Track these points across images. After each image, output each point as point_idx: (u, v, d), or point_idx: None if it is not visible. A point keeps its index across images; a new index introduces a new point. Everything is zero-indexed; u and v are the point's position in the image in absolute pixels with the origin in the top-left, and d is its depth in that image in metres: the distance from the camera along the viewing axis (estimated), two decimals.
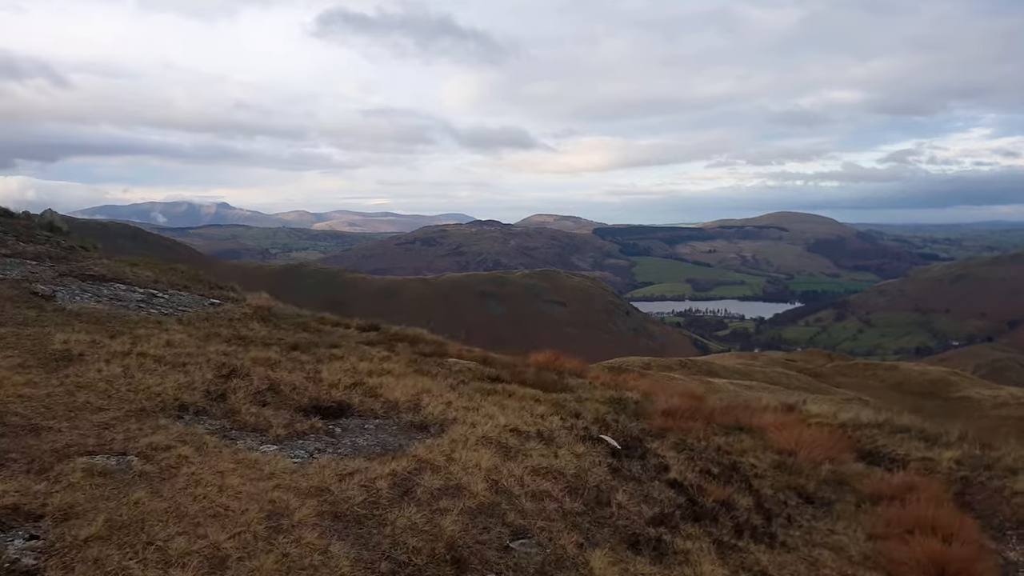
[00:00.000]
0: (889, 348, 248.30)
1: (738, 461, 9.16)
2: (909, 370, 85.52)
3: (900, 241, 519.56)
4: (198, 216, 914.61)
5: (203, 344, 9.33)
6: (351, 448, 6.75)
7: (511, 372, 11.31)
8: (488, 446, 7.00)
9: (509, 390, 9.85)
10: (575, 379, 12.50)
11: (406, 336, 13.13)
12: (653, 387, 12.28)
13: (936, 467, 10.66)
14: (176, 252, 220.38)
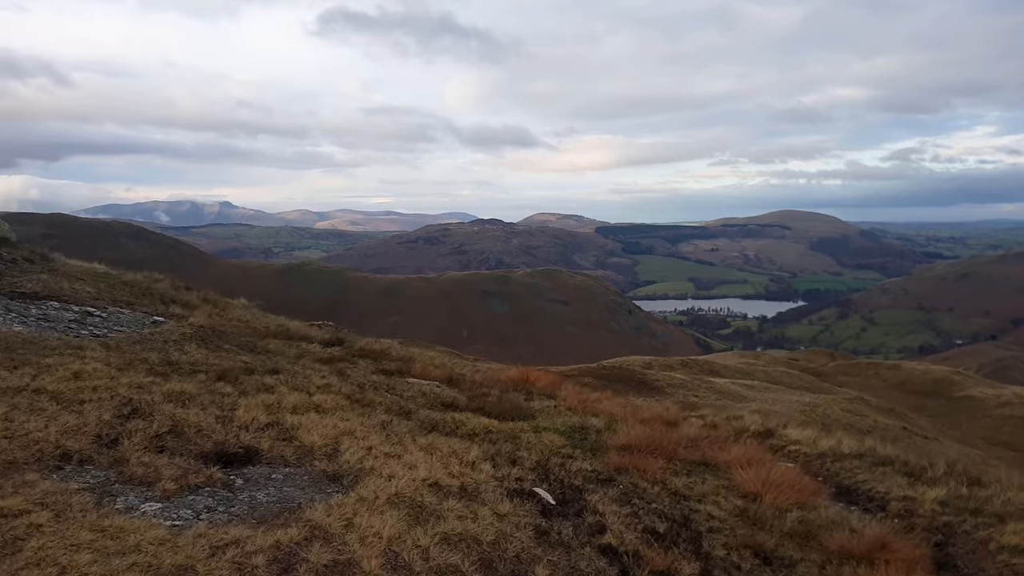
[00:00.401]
0: (892, 347, 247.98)
1: (694, 510, 8.14)
2: (912, 369, 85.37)
3: (903, 239, 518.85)
4: (201, 215, 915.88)
5: (118, 375, 8.44)
6: (247, 506, 5.94)
7: (471, 395, 10.57)
8: (398, 506, 6.11)
9: (458, 421, 9.05)
10: (543, 400, 11.64)
11: (371, 351, 12.48)
12: (623, 410, 11.16)
13: (918, 509, 9.68)
14: (179, 251, 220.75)
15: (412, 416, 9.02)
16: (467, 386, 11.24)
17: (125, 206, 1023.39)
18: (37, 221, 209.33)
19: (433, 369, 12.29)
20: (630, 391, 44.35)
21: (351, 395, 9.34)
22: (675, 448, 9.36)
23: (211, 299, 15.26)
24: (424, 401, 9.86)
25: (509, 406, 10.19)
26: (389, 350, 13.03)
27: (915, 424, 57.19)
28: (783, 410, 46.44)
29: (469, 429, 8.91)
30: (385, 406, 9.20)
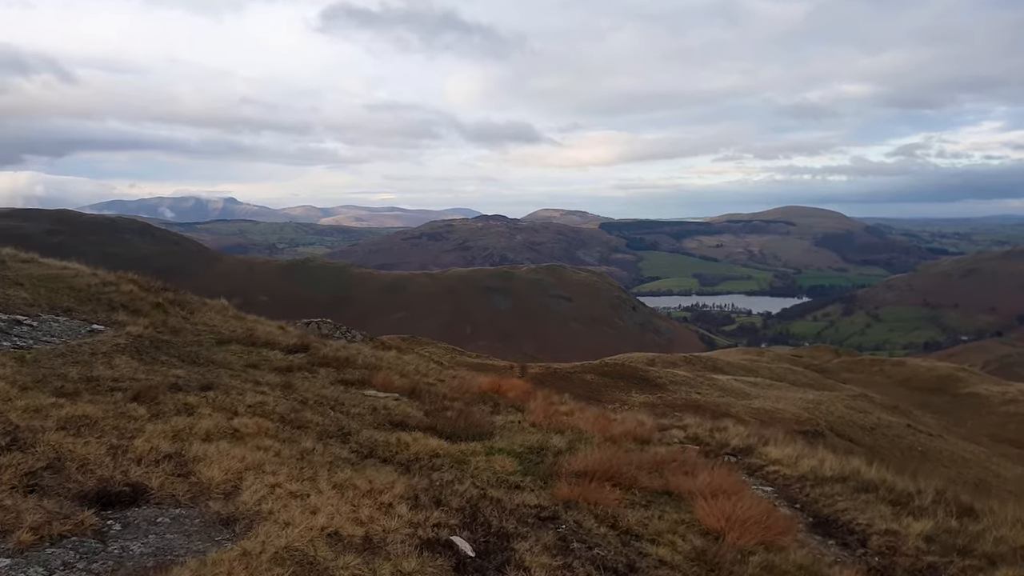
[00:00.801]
0: (897, 343, 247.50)
1: (643, 554, 7.07)
2: (917, 366, 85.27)
3: (909, 235, 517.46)
4: (205, 211, 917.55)
5: (18, 395, 7.49)
6: (115, 560, 5.00)
7: (430, 410, 9.76)
8: (284, 563, 5.15)
9: (403, 443, 8.08)
10: (510, 414, 10.70)
11: (335, 359, 11.79)
12: (593, 426, 10.20)
13: (901, 546, 8.64)
14: (184, 247, 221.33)
15: (350, 439, 7.97)
16: (429, 399, 10.41)
17: (130, 202, 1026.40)
18: (43, 217, 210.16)
19: (398, 379, 11.43)
20: (632, 388, 44.32)
21: (285, 415, 8.20)
22: (637, 474, 8.22)
23: (182, 300, 14.33)
24: (372, 419, 8.92)
25: (466, 423, 9.27)
26: (355, 358, 12.34)
27: (920, 421, 57.09)
28: (786, 407, 46.40)
29: (411, 454, 7.88)
30: (321, 428, 8.08)
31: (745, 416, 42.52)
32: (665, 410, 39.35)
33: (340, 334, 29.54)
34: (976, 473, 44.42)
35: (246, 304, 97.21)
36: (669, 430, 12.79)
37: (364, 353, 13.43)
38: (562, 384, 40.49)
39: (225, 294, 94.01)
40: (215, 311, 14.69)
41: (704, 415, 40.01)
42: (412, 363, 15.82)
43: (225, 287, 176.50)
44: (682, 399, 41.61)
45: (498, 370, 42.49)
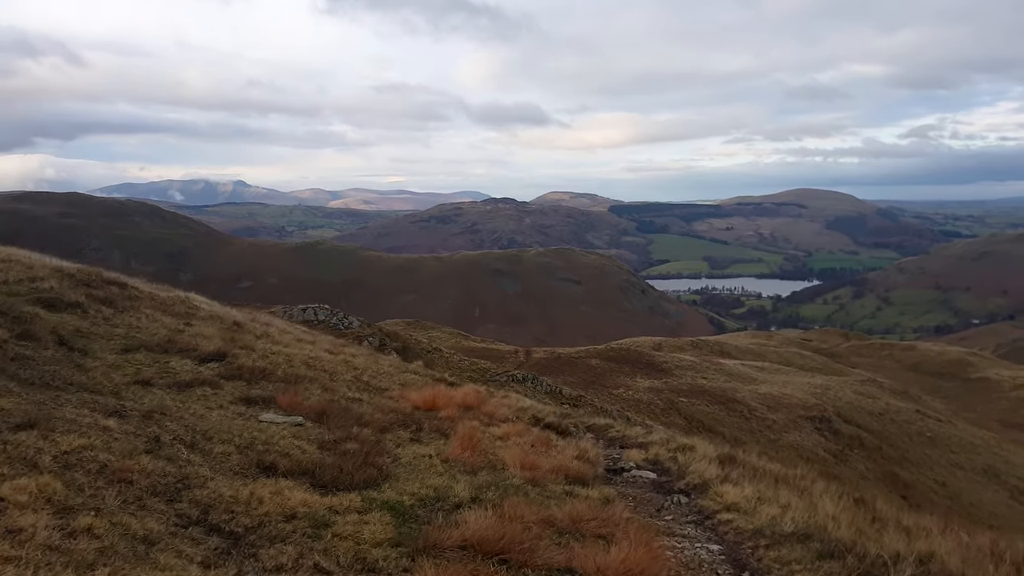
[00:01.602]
0: (908, 326, 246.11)
1: None
2: (927, 350, 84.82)
3: (921, 218, 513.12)
4: (215, 194, 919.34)
5: None
6: None
7: (326, 441, 7.92)
8: None
9: (256, 499, 6.10)
10: (428, 443, 8.74)
11: (252, 370, 10.09)
12: (524, 458, 8.25)
13: None
14: (193, 230, 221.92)
15: (183, 496, 5.89)
16: (337, 424, 8.61)
17: (140, 185, 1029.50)
18: (54, 200, 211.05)
19: (318, 393, 9.81)
20: (638, 373, 44.23)
21: (108, 464, 5.99)
22: (536, 545, 6.18)
23: (112, 298, 12.14)
24: (237, 461, 6.93)
25: (361, 462, 7.38)
26: (275, 370, 10.48)
27: (929, 406, 56.83)
28: (793, 392, 46.23)
29: (258, 516, 5.88)
30: (149, 483, 5.92)
31: (752, 401, 42.41)
32: (670, 396, 39.30)
33: (336, 320, 29.40)
34: (985, 460, 44.22)
35: (256, 287, 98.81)
36: (628, 449, 10.68)
37: (279, 367, 10.98)
38: (567, 369, 40.49)
39: (235, 277, 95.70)
40: (161, 308, 12.83)
41: (711, 400, 39.95)
42: (362, 366, 13.71)
43: (235, 270, 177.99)
44: (688, 384, 41.52)
45: (502, 355, 42.50)
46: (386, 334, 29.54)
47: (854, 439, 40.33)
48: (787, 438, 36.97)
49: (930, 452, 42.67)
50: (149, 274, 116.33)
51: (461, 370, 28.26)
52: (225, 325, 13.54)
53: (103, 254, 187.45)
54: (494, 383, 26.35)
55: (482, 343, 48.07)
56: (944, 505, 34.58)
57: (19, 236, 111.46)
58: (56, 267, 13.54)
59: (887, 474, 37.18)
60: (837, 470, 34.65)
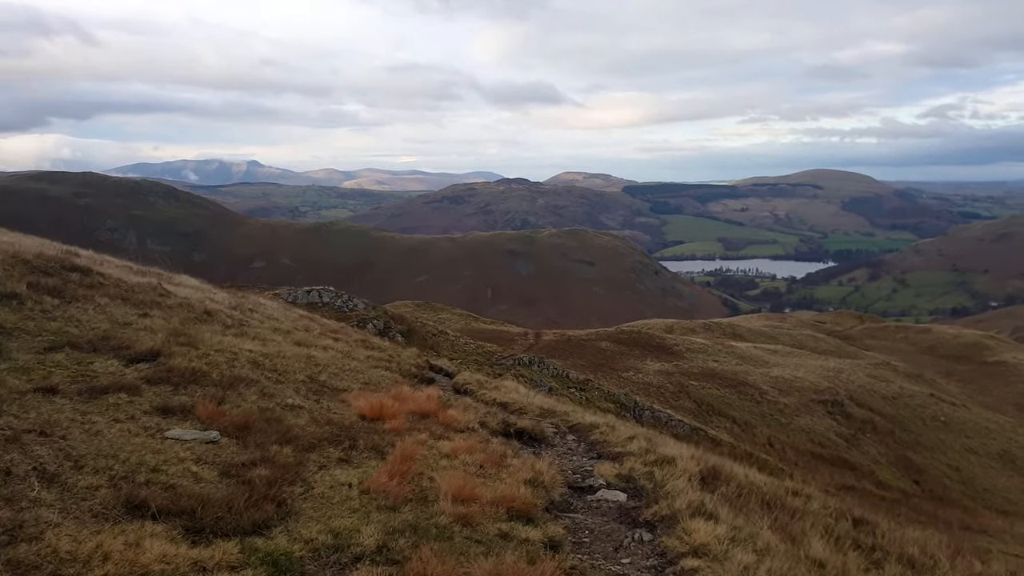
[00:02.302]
0: (924, 309, 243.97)
1: None
2: (942, 333, 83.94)
3: (940, 199, 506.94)
4: (229, 174, 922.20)
5: None
6: None
7: (233, 465, 6.57)
8: None
9: (101, 554, 4.72)
10: (362, 462, 7.38)
11: (185, 372, 8.75)
12: (461, 485, 6.77)
13: None
14: (208, 210, 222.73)
15: None
16: (257, 440, 7.23)
17: (155, 165, 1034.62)
18: (69, 180, 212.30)
19: (245, 403, 8.32)
20: (648, 355, 44.01)
21: None
22: None
23: (60, 287, 10.97)
24: (103, 496, 5.52)
25: (252, 499, 5.87)
26: (211, 372, 9.12)
27: (943, 390, 56.30)
28: (805, 375, 45.88)
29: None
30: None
31: (763, 385, 42.13)
32: (680, 379, 39.08)
33: (341, 302, 29.29)
34: (1000, 444, 43.77)
35: (270, 267, 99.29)
36: (602, 463, 9.14)
37: (214, 366, 9.62)
38: (576, 351, 40.31)
39: (248, 257, 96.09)
40: (122, 296, 11.63)
41: (721, 383, 39.71)
42: (326, 362, 12.16)
43: (249, 250, 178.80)
44: (699, 367, 41.26)
45: (511, 337, 42.37)
46: (391, 317, 29.38)
47: (867, 423, 40.00)
48: (798, 422, 36.70)
49: (944, 437, 42.27)
50: (164, 254, 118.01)
51: (466, 353, 28.08)
52: (192, 315, 12.28)
53: (118, 234, 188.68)
54: (499, 367, 26.17)
55: (492, 325, 47.96)
56: (957, 490, 34.29)
57: (36, 216, 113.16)
58: (15, 252, 12.12)
59: (900, 458, 36.87)
60: (849, 455, 34.39)
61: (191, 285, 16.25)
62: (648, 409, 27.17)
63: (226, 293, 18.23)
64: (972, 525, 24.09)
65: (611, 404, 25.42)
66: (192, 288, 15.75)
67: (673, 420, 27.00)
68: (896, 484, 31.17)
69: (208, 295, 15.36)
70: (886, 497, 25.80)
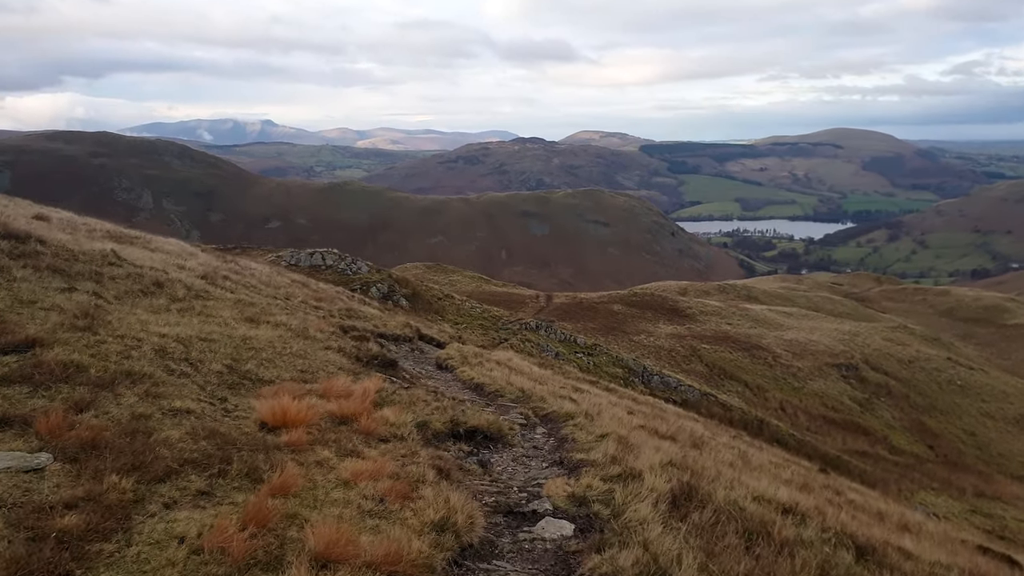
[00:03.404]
0: (943, 270, 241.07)
1: None
2: (962, 295, 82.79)
3: (963, 158, 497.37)
4: (243, 134, 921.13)
5: None
6: None
7: (32, 512, 4.62)
8: None
9: None
10: (225, 494, 5.49)
11: (55, 368, 6.91)
12: (339, 538, 4.82)
13: None
14: (222, 170, 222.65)
15: None
16: (98, 465, 5.35)
17: (169, 124, 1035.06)
18: (84, 140, 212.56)
19: (114, 409, 6.31)
20: (660, 318, 43.63)
21: None
22: None
23: None
24: None
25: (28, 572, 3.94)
26: (88, 367, 7.20)
27: (961, 354, 55.62)
28: (820, 339, 45.37)
29: None
30: None
31: (777, 348, 41.72)
32: (692, 342, 38.74)
33: (344, 265, 28.96)
34: (1017, 409, 43.24)
35: (285, 227, 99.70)
36: (558, 474, 7.33)
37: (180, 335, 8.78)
38: (588, 315, 40.00)
39: (264, 218, 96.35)
40: (51, 267, 10.40)
41: (734, 346, 39.33)
42: (265, 343, 10.10)
43: (264, 210, 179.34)
44: (711, 330, 40.87)
45: (522, 300, 42.09)
46: (396, 280, 29.01)
47: (881, 387, 39.59)
48: (811, 386, 36.36)
49: (960, 401, 41.80)
50: (180, 214, 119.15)
51: (471, 318, 27.78)
52: (135, 287, 10.74)
53: (134, 194, 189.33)
54: (504, 331, 25.87)
55: (503, 287, 47.67)
56: (972, 456, 33.95)
57: (54, 175, 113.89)
58: None
59: (914, 423, 36.52)
60: (862, 419, 34.07)
61: (168, 250, 15.29)
62: (657, 374, 26.88)
63: (213, 257, 17.41)
64: (986, 491, 23.80)
65: (619, 369, 25.17)
66: (167, 253, 14.71)
67: (683, 385, 26.72)
68: (910, 449, 30.91)
69: (181, 261, 14.27)
70: (899, 463, 25.54)
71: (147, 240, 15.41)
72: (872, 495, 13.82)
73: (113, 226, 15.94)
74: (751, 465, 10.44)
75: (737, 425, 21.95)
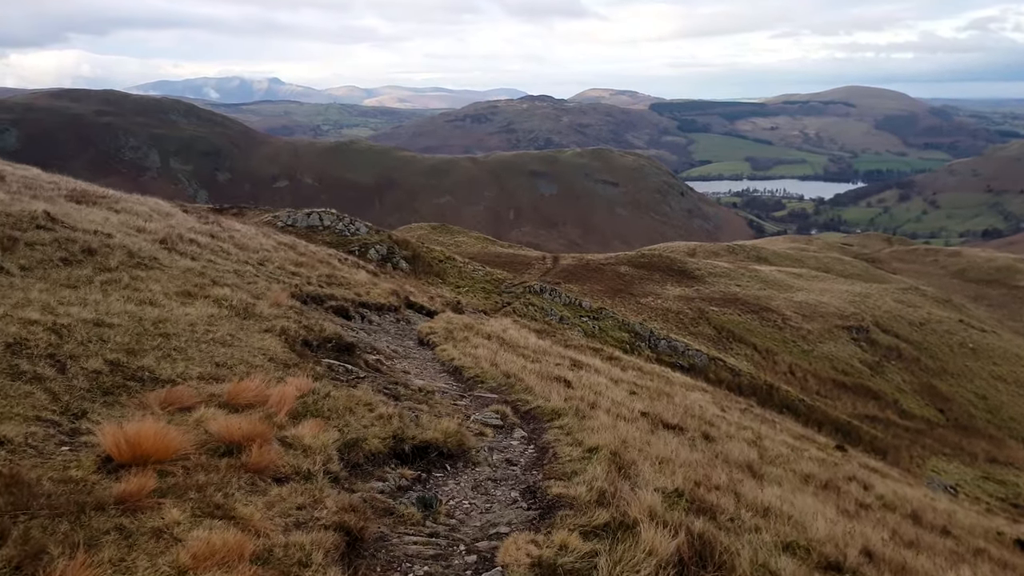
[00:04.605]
0: (954, 231, 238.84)
1: None
2: (974, 256, 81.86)
3: (978, 117, 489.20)
4: (250, 92, 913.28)
5: None
6: None
7: None
8: None
9: None
10: None
11: None
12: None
13: None
14: (229, 129, 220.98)
15: None
16: None
17: (175, 82, 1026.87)
18: (92, 98, 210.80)
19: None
20: (668, 280, 43.15)
21: None
22: None
23: None
24: None
25: None
26: None
27: (972, 316, 55.04)
28: (830, 301, 44.86)
29: None
30: None
31: (786, 310, 41.26)
32: (700, 304, 38.30)
33: (343, 226, 28.37)
34: None
35: (292, 186, 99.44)
36: (523, 521, 5.29)
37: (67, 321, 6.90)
38: (594, 276, 39.53)
39: (271, 177, 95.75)
40: None
41: (743, 308, 38.88)
42: (181, 328, 7.85)
43: (271, 169, 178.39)
44: (720, 292, 40.40)
45: (528, 261, 41.61)
46: (396, 242, 28.41)
47: (892, 350, 39.20)
48: (821, 348, 35.99)
49: (971, 364, 41.38)
50: (187, 173, 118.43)
51: (473, 281, 27.30)
52: (58, 255, 9.07)
53: (141, 153, 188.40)
54: (508, 295, 25.42)
55: (509, 248, 47.16)
56: (983, 420, 33.66)
57: (61, 134, 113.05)
58: None
59: (925, 386, 36.19)
60: (872, 382, 33.74)
61: (136, 211, 13.72)
62: (664, 338, 26.50)
63: (195, 218, 16.34)
64: (999, 457, 23.53)
65: (625, 334, 24.79)
66: (134, 215, 13.16)
67: (690, 350, 26.36)
68: (920, 413, 30.63)
69: (142, 223, 12.57)
70: (910, 428, 25.24)
71: (115, 200, 14.13)
72: (895, 476, 13.27)
73: (86, 185, 15.06)
74: (768, 456, 9.51)
75: (746, 392, 21.63)
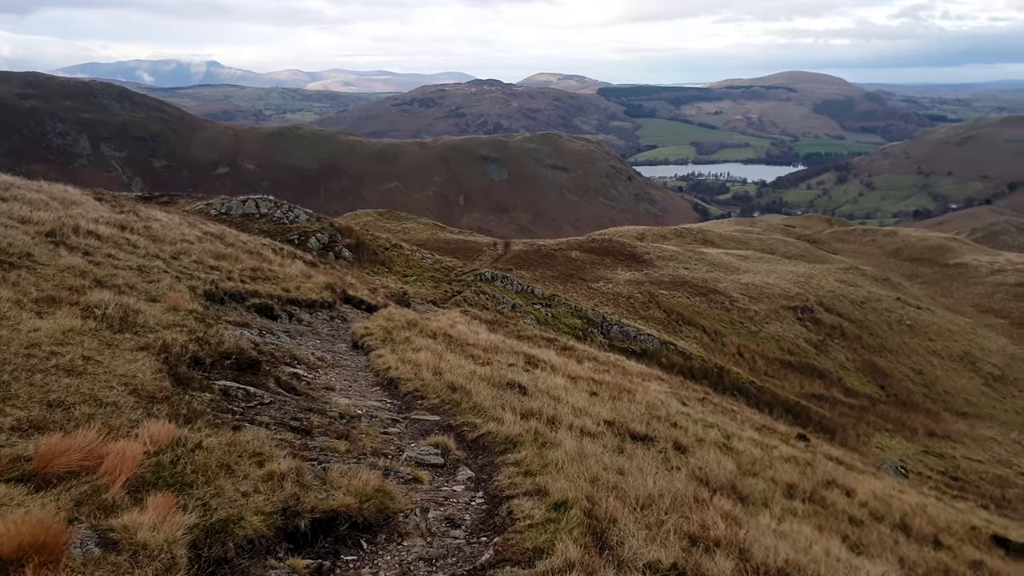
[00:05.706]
0: (888, 211, 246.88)
1: None
2: (908, 236, 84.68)
3: (909, 102, 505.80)
4: (187, 76, 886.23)
5: None
6: None
7: None
8: None
9: None
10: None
11: None
12: None
13: None
14: (166, 113, 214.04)
15: None
16: None
17: (105, 65, 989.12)
18: (13, 80, 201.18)
19: None
20: (619, 264, 43.52)
21: None
22: None
23: None
24: None
25: None
26: None
27: (908, 293, 56.98)
28: (776, 282, 45.88)
29: None
30: None
31: (733, 292, 42.05)
32: (650, 288, 38.75)
33: (281, 213, 27.42)
34: (961, 347, 44.58)
35: (233, 173, 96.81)
36: None
37: None
38: (546, 262, 39.60)
39: (211, 163, 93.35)
40: None
41: (692, 291, 39.48)
42: (19, 359, 5.10)
43: (211, 156, 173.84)
44: (669, 275, 40.92)
45: (479, 247, 41.41)
46: (338, 230, 27.58)
47: (835, 328, 40.30)
48: (768, 329, 36.79)
49: (909, 340, 42.86)
50: (120, 159, 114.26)
51: (422, 269, 26.85)
52: None
53: (70, 139, 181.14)
54: (458, 283, 25.13)
55: (459, 235, 46.88)
56: (920, 394, 34.92)
57: None
58: None
59: (866, 363, 37.33)
60: (817, 361, 34.65)
61: (30, 199, 11.97)
62: (616, 324, 26.67)
63: (109, 207, 15.04)
64: (936, 430, 24.44)
65: (578, 320, 24.89)
66: (25, 203, 11.45)
67: (642, 335, 26.61)
68: (863, 391, 31.63)
69: (29, 213, 10.71)
70: (855, 405, 26.03)
71: (5, 186, 12.31)
72: (859, 467, 13.35)
73: None
74: (744, 464, 8.88)
75: (698, 376, 21.96)
